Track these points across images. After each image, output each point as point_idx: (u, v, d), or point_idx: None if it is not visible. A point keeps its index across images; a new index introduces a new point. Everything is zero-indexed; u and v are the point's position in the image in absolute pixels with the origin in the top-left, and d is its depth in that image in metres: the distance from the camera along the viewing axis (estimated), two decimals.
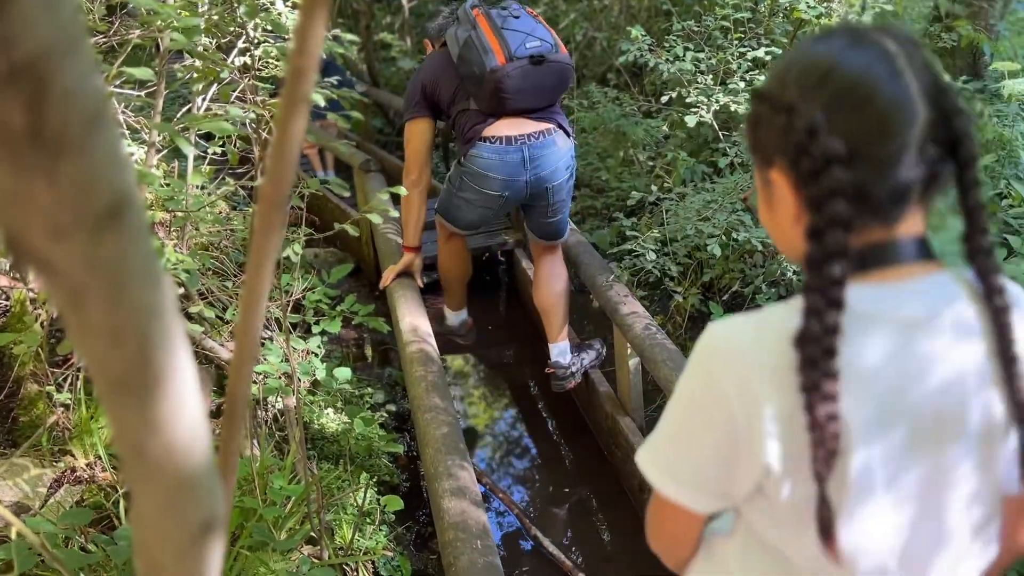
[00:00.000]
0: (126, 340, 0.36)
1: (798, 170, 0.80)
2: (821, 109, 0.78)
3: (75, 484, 2.61)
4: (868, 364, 0.80)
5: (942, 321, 0.82)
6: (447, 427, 2.46)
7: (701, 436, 0.85)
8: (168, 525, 0.49)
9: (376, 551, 2.65)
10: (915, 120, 0.77)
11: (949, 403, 0.82)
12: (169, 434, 0.42)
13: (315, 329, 3.55)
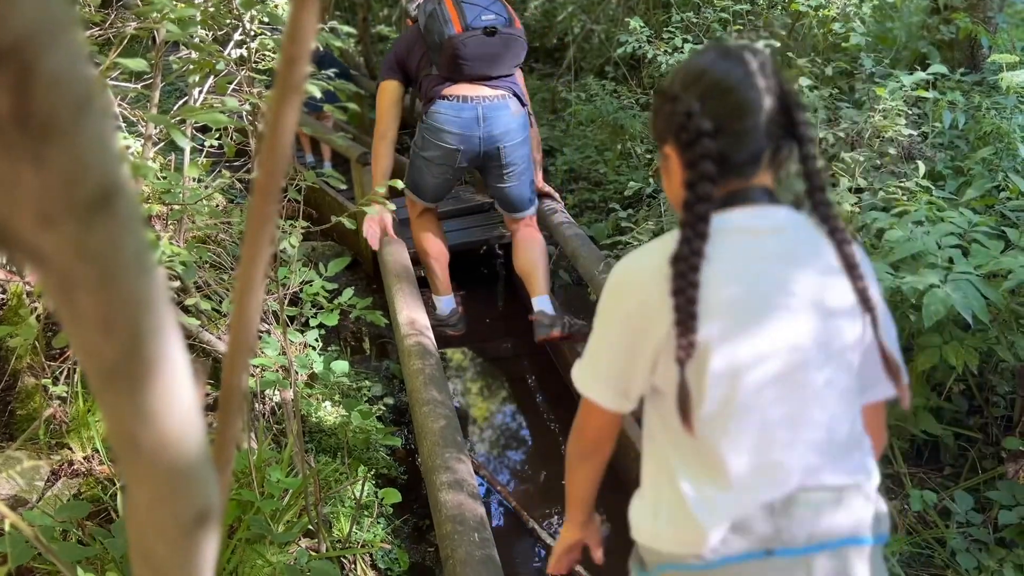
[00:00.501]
0: (117, 330, 0.36)
1: (680, 142, 1.11)
2: (696, 99, 1.10)
3: (72, 477, 2.61)
4: (728, 262, 1.09)
5: (786, 230, 1.13)
6: (444, 420, 2.46)
7: (611, 347, 1.16)
8: (162, 516, 0.49)
9: (374, 544, 2.66)
10: (762, 108, 1.10)
11: (797, 290, 1.10)
12: (162, 424, 0.42)
13: (312, 322, 3.54)
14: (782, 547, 1.10)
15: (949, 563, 2.60)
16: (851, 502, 1.14)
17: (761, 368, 1.09)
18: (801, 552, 1.10)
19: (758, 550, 1.10)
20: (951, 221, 2.75)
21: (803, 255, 1.12)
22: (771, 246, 1.11)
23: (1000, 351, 2.65)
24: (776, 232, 1.12)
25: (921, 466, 3.07)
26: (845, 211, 2.77)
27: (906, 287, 2.47)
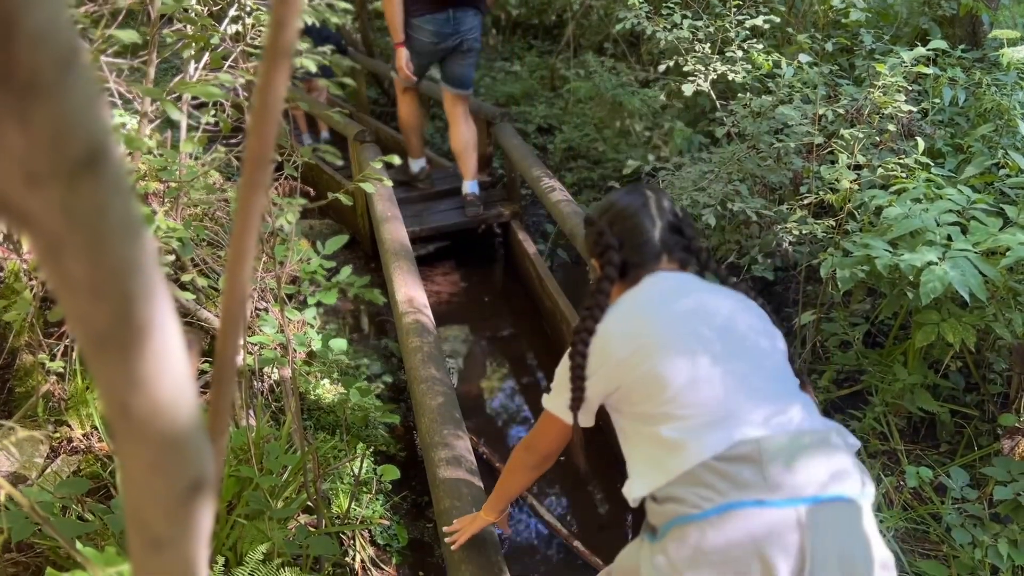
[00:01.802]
0: (107, 295, 0.36)
1: (596, 254, 1.62)
2: (607, 223, 1.61)
3: (72, 454, 2.62)
4: (646, 297, 1.48)
5: (688, 283, 1.52)
6: (443, 397, 2.46)
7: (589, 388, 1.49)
8: (156, 485, 0.49)
9: (373, 520, 2.67)
10: (655, 227, 1.58)
11: (708, 300, 1.46)
12: (153, 392, 0.42)
13: (311, 301, 3.54)
14: (772, 498, 1.21)
15: (944, 539, 2.62)
16: (834, 456, 1.28)
17: (705, 346, 1.38)
18: (791, 503, 1.21)
19: (750, 499, 1.21)
20: (949, 198, 2.74)
21: (702, 285, 1.52)
22: (676, 284, 1.51)
23: (997, 328, 2.65)
24: (680, 283, 1.51)
25: (917, 443, 3.09)
26: (844, 187, 2.76)
27: (904, 264, 2.47)
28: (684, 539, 1.23)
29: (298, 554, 2.12)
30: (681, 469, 1.26)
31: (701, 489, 1.24)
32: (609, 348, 1.43)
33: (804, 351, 3.26)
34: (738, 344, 1.40)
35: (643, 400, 1.37)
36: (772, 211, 3.31)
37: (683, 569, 1.22)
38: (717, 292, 1.50)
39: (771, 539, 1.18)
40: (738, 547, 1.19)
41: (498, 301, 4.82)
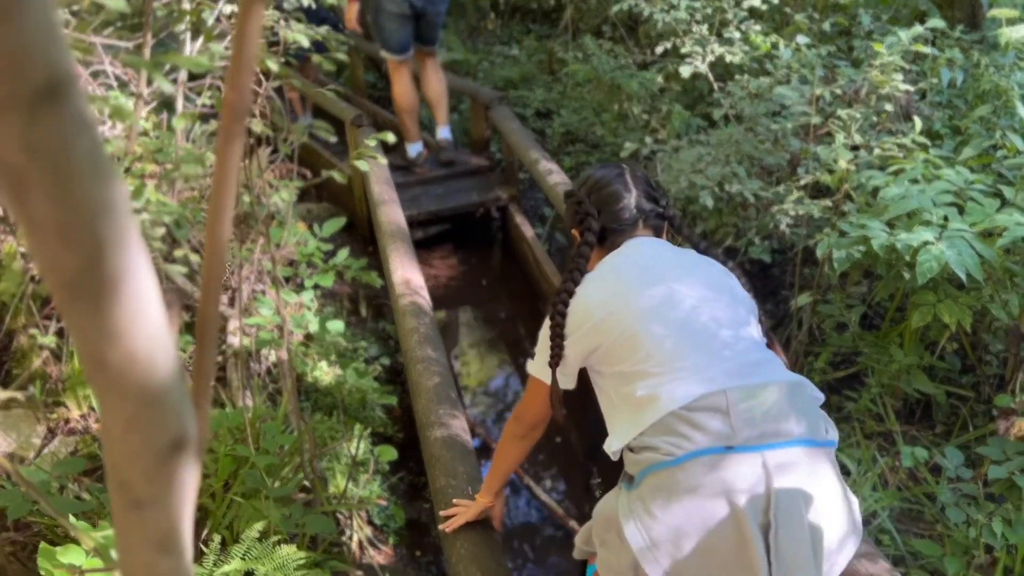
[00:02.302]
0: (76, 239, 0.36)
1: (575, 223, 1.73)
2: (585, 194, 1.71)
3: (69, 435, 2.63)
4: (624, 260, 1.59)
5: (662, 248, 1.63)
6: (439, 377, 2.46)
7: (569, 354, 1.57)
8: (135, 442, 0.49)
9: (370, 500, 2.68)
10: (630, 194, 1.68)
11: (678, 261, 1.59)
12: (129, 342, 0.42)
13: (308, 283, 3.54)
14: (739, 444, 1.30)
15: (938, 518, 2.63)
16: (797, 403, 1.37)
17: (686, 301, 1.48)
18: (756, 449, 1.29)
19: (718, 446, 1.30)
20: (947, 179, 2.74)
21: (675, 250, 1.63)
22: (651, 249, 1.62)
23: (994, 309, 2.65)
24: (653, 244, 1.65)
25: (913, 424, 3.09)
26: (841, 168, 2.76)
27: (900, 244, 2.46)
28: (658, 484, 1.32)
29: (295, 533, 2.12)
30: (654, 419, 1.35)
31: (673, 438, 1.33)
32: (589, 311, 1.52)
33: (800, 333, 3.26)
34: (709, 305, 1.49)
35: (620, 360, 1.47)
36: (769, 193, 3.30)
37: (656, 512, 1.31)
38: (689, 256, 1.63)
39: (738, 482, 1.27)
40: (707, 490, 1.28)
41: (496, 284, 4.82)
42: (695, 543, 1.28)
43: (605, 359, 1.51)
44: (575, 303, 1.56)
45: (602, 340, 1.50)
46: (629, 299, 1.49)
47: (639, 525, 1.33)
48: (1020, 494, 2.28)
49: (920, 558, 2.53)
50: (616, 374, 1.48)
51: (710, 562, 1.29)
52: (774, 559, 1.25)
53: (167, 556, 0.56)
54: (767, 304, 3.88)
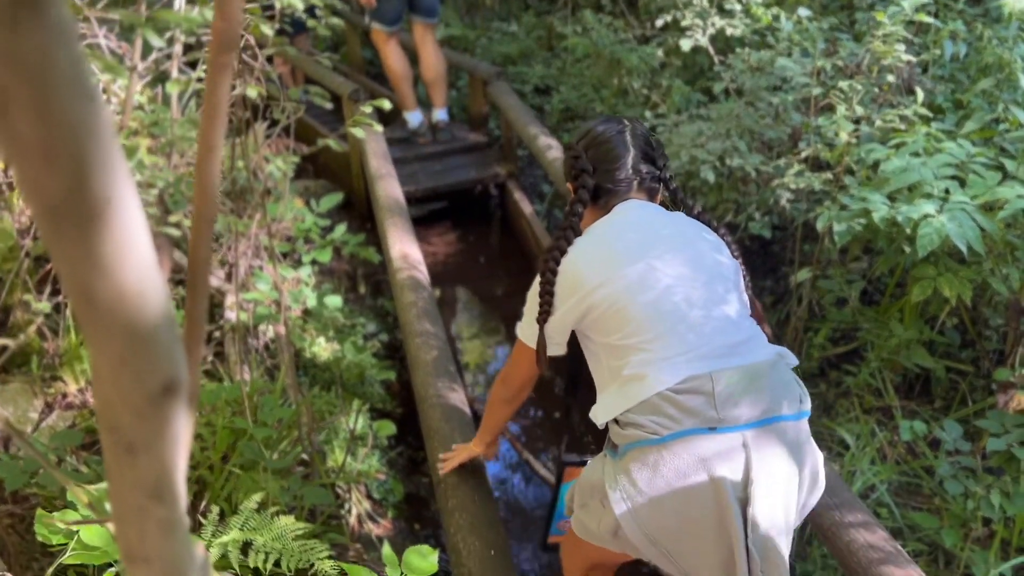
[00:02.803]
0: (59, 160, 0.34)
1: (571, 177, 1.69)
2: (583, 148, 1.66)
3: (67, 410, 2.62)
4: (618, 227, 1.57)
5: (655, 215, 1.61)
6: (437, 351, 2.46)
7: (558, 320, 1.58)
8: (126, 383, 0.48)
9: (368, 474, 2.68)
10: (628, 154, 1.64)
11: (669, 231, 1.57)
12: (117, 275, 0.41)
13: (305, 259, 3.53)
14: (722, 425, 1.36)
15: (936, 491, 2.64)
16: (776, 382, 1.43)
17: (662, 281, 1.48)
18: (736, 429, 1.36)
19: (703, 427, 1.36)
20: (948, 152, 2.72)
21: (668, 218, 1.62)
22: (644, 216, 1.60)
23: (994, 283, 2.64)
24: (646, 210, 1.62)
25: (912, 399, 3.09)
26: (842, 140, 2.74)
27: (901, 217, 2.45)
28: (643, 460, 1.39)
29: (293, 505, 2.12)
30: (640, 398, 1.40)
31: (658, 417, 1.38)
32: (580, 277, 1.53)
33: (800, 309, 3.25)
34: (698, 277, 1.51)
35: (609, 331, 1.50)
36: (770, 167, 3.28)
37: (641, 485, 1.38)
38: (681, 224, 1.61)
39: (719, 460, 1.35)
40: (690, 468, 1.35)
41: (494, 261, 4.81)
42: (677, 515, 1.36)
43: (594, 327, 1.53)
44: (567, 266, 1.56)
45: (593, 308, 1.51)
46: (618, 272, 1.50)
47: (624, 495, 1.40)
48: (1019, 466, 2.28)
49: (918, 531, 2.54)
50: (605, 345, 1.51)
51: (691, 532, 1.37)
52: (751, 531, 1.33)
53: (160, 504, 0.55)
54: (767, 280, 3.87)
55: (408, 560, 1.47)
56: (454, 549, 1.80)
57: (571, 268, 1.55)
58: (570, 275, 1.54)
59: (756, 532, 1.34)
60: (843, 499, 1.81)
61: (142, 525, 0.56)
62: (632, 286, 1.48)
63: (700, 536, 1.37)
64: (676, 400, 1.38)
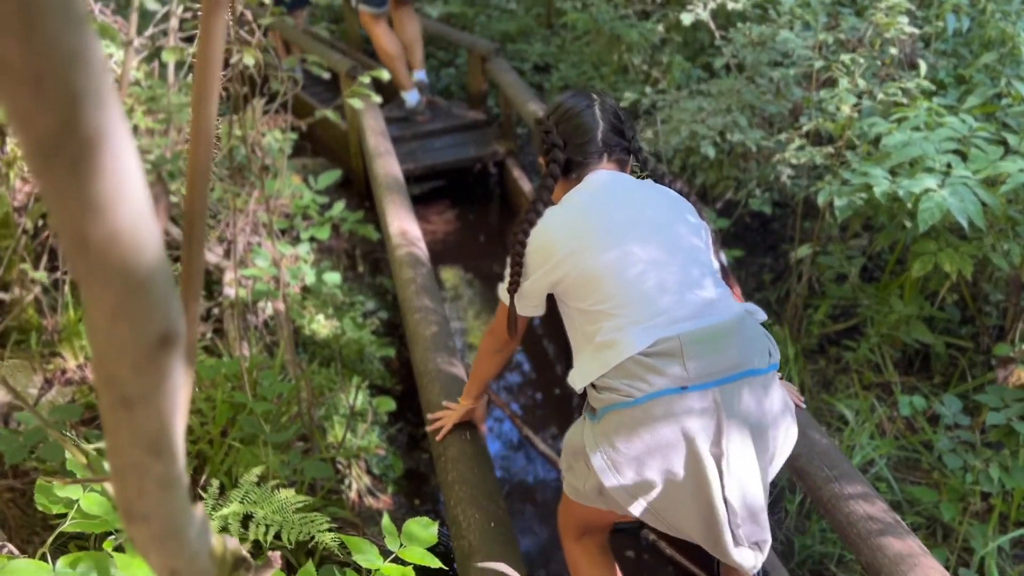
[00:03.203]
0: (50, 92, 0.33)
1: (543, 152, 1.75)
2: (554, 123, 1.72)
3: (66, 385, 2.62)
4: (587, 202, 1.63)
5: (626, 184, 1.67)
6: (436, 327, 2.45)
7: (533, 283, 1.65)
8: (122, 333, 0.47)
9: (368, 449, 2.68)
10: (597, 128, 1.69)
11: (639, 199, 1.64)
12: (111, 218, 0.40)
13: (304, 236, 3.52)
14: (692, 384, 1.42)
15: (935, 466, 2.64)
16: (743, 339, 1.49)
17: (631, 245, 1.54)
18: (707, 386, 1.43)
19: (675, 387, 1.42)
20: (950, 127, 2.70)
21: (638, 185, 1.67)
22: (614, 184, 1.66)
23: (994, 258, 2.63)
24: (617, 179, 1.68)
25: (911, 375, 3.10)
26: (844, 113, 2.72)
27: (903, 191, 2.44)
28: (620, 422, 1.45)
29: (293, 480, 2.13)
30: (614, 363, 1.46)
31: (631, 380, 1.44)
32: (554, 245, 1.58)
33: (800, 285, 3.24)
34: (667, 242, 1.57)
35: (583, 297, 1.56)
36: (771, 142, 3.26)
37: (620, 445, 1.45)
38: (651, 191, 1.67)
39: (691, 418, 1.41)
40: (664, 426, 1.42)
41: (494, 240, 4.80)
42: (656, 472, 1.44)
43: (568, 292, 1.60)
44: (538, 236, 1.62)
45: (567, 274, 1.57)
46: (592, 235, 1.56)
47: (604, 456, 1.47)
48: (1018, 440, 2.28)
49: (916, 505, 2.55)
50: (579, 310, 1.58)
51: (670, 488, 1.45)
52: (726, 481, 1.42)
53: (158, 459, 0.54)
54: (767, 257, 3.86)
55: (408, 530, 1.48)
56: (454, 521, 1.80)
57: (543, 237, 1.61)
58: (542, 244, 1.60)
59: (731, 484, 1.42)
60: (842, 471, 1.81)
61: (140, 481, 0.56)
62: (603, 254, 1.54)
63: (679, 492, 1.45)
64: (647, 363, 1.44)
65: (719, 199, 3.76)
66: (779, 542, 2.57)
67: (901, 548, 1.60)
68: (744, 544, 1.47)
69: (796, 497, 2.65)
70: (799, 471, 1.88)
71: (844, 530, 1.72)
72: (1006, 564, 2.36)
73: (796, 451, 1.89)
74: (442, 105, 5.46)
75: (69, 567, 1.13)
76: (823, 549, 2.49)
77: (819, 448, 1.88)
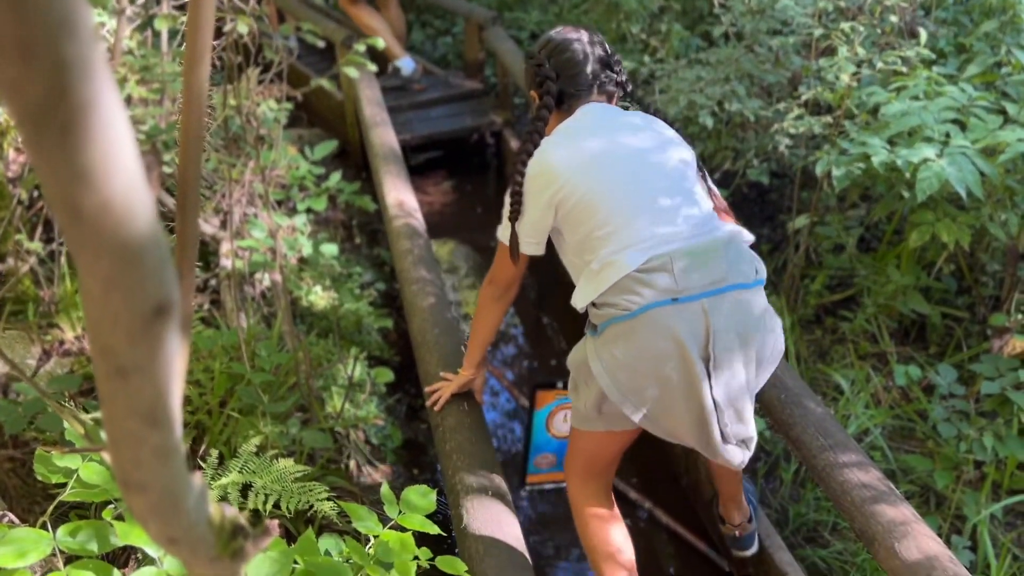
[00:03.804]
0: (38, 58, 0.33)
1: (535, 85, 1.82)
2: (546, 57, 1.80)
3: (64, 356, 2.62)
4: (580, 127, 1.75)
5: (616, 114, 1.79)
6: (434, 298, 2.45)
7: (533, 218, 1.74)
8: (116, 303, 0.47)
9: (367, 420, 2.70)
10: (588, 61, 1.78)
11: (627, 125, 1.77)
12: (103, 187, 0.39)
13: (300, 207, 3.50)
14: (683, 295, 1.56)
15: (929, 435, 2.66)
16: (730, 255, 1.61)
17: (627, 172, 1.67)
18: (696, 297, 1.56)
19: (666, 299, 1.56)
20: (950, 96, 2.68)
21: (627, 116, 1.78)
22: (605, 115, 1.78)
23: (992, 228, 2.63)
24: (607, 110, 1.80)
25: (907, 345, 3.11)
26: (843, 82, 2.70)
27: (901, 161, 2.43)
28: (618, 333, 1.59)
29: (292, 450, 2.14)
30: (611, 282, 1.59)
31: (628, 295, 1.58)
32: (554, 171, 1.68)
33: (797, 255, 3.24)
34: (657, 167, 1.70)
35: (581, 222, 1.67)
36: (769, 112, 3.24)
37: (618, 354, 1.59)
38: (640, 120, 1.79)
39: (682, 326, 1.54)
40: (658, 334, 1.55)
41: (490, 211, 4.78)
42: (651, 378, 1.57)
43: (567, 220, 1.70)
44: (538, 164, 1.71)
45: (564, 201, 1.68)
46: (586, 167, 1.67)
47: (604, 365, 1.61)
48: (1012, 409, 2.30)
49: (910, 473, 2.57)
50: (576, 243, 1.70)
51: (665, 393, 1.58)
52: (714, 381, 1.55)
53: (155, 429, 0.54)
54: (764, 228, 3.86)
55: (407, 498, 1.49)
56: (452, 490, 1.82)
57: (542, 165, 1.70)
58: (542, 171, 1.70)
59: (719, 386, 1.56)
60: (837, 440, 1.82)
61: (137, 451, 0.56)
62: (599, 178, 1.66)
63: (672, 396, 1.58)
64: (642, 279, 1.57)
65: (717, 169, 3.75)
66: (774, 510, 2.59)
67: (894, 515, 1.62)
68: (732, 442, 1.61)
69: (791, 466, 2.67)
70: (794, 440, 1.89)
71: (838, 498, 1.74)
72: (998, 531, 2.38)
73: (791, 420, 1.90)
74: (439, 74, 5.42)
75: (69, 536, 1.14)
76: (817, 517, 2.52)
77: (814, 417, 1.89)
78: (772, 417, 1.98)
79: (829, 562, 2.40)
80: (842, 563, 2.38)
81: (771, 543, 2.23)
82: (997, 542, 2.34)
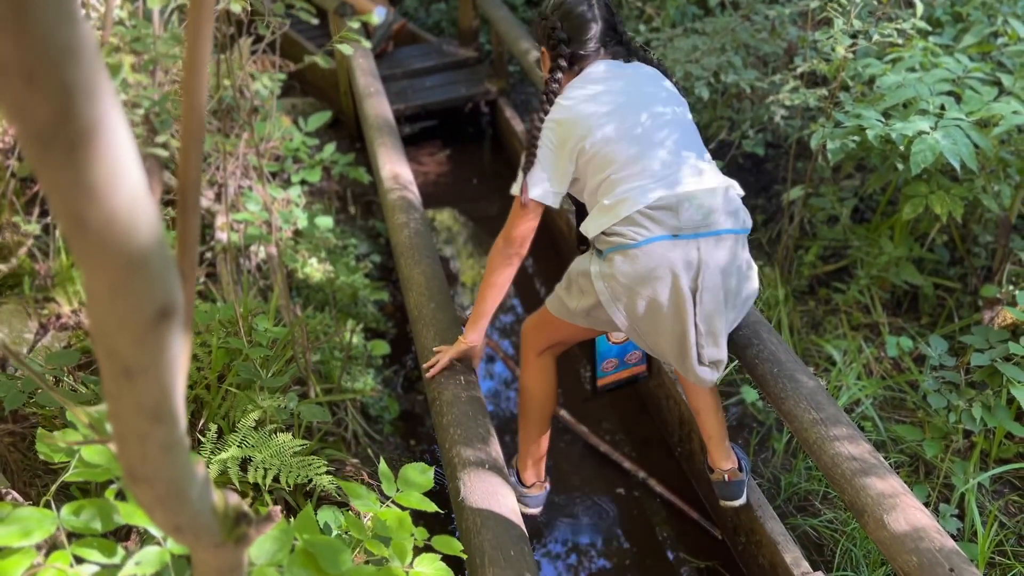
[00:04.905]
0: (45, 83, 0.34)
1: (548, 46, 2.01)
2: (558, 19, 1.96)
3: (61, 331, 2.63)
4: (592, 84, 1.92)
5: (624, 70, 1.96)
6: (430, 271, 2.46)
7: (557, 167, 1.91)
8: (122, 309, 0.48)
9: (364, 391, 2.72)
10: (596, 24, 1.95)
11: (636, 81, 1.95)
12: (108, 201, 0.40)
13: (295, 178, 3.49)
14: (682, 233, 1.79)
15: (920, 405, 2.70)
16: (723, 203, 1.83)
17: (640, 121, 1.86)
18: (693, 236, 1.80)
19: (668, 235, 1.79)
20: (945, 67, 2.68)
21: (633, 71, 1.96)
22: (615, 71, 1.95)
23: (985, 200, 2.64)
24: (615, 67, 1.96)
25: (899, 316, 3.13)
26: (839, 54, 2.69)
27: (895, 134, 2.43)
28: (622, 259, 1.81)
29: (290, 423, 2.16)
30: (622, 216, 1.81)
31: (635, 227, 1.80)
32: (577, 120, 1.86)
33: (791, 227, 3.25)
34: (663, 118, 1.90)
35: (601, 168, 1.86)
36: (765, 83, 3.23)
37: (619, 276, 1.82)
38: (647, 74, 1.98)
39: (678, 258, 1.78)
40: (656, 263, 1.78)
41: (486, 181, 4.77)
42: (644, 299, 1.81)
43: (588, 166, 1.88)
44: (560, 112, 1.88)
45: (585, 150, 1.86)
46: (605, 117, 1.85)
47: (606, 283, 1.85)
48: (1001, 380, 2.33)
49: (900, 443, 2.61)
50: (593, 187, 1.89)
51: (654, 313, 1.82)
52: (698, 309, 1.80)
53: (160, 425, 0.56)
54: (759, 199, 3.86)
55: (405, 475, 1.51)
56: (449, 463, 1.85)
57: (565, 114, 1.87)
58: (565, 119, 1.87)
59: (702, 312, 1.81)
60: (828, 414, 1.85)
61: (143, 447, 0.58)
62: (618, 127, 1.85)
63: (661, 316, 1.82)
64: (650, 215, 1.79)
65: (712, 140, 3.74)
66: (766, 480, 2.63)
67: (883, 488, 1.65)
68: (706, 363, 1.88)
69: (783, 437, 2.70)
70: (787, 413, 1.92)
71: (829, 470, 1.77)
72: (985, 499, 2.43)
73: (783, 394, 1.93)
74: (432, 41, 5.37)
75: (73, 515, 1.16)
76: (808, 487, 2.56)
77: (806, 390, 1.92)
78: (765, 390, 2.00)
79: (820, 531, 2.44)
80: (832, 532, 2.42)
81: (763, 513, 2.27)
82: (984, 510, 2.38)
